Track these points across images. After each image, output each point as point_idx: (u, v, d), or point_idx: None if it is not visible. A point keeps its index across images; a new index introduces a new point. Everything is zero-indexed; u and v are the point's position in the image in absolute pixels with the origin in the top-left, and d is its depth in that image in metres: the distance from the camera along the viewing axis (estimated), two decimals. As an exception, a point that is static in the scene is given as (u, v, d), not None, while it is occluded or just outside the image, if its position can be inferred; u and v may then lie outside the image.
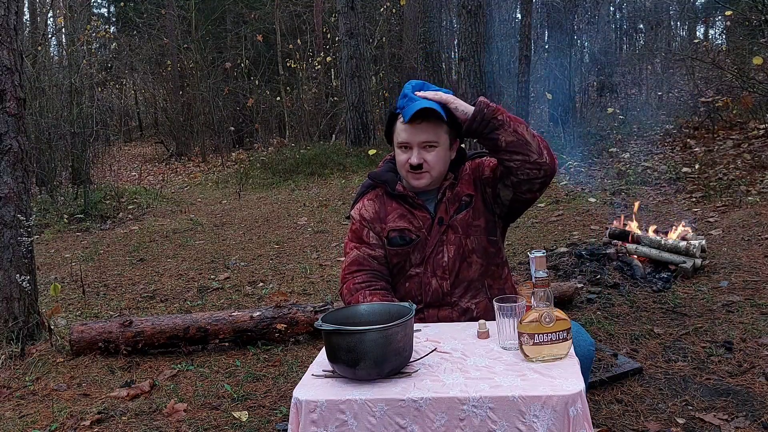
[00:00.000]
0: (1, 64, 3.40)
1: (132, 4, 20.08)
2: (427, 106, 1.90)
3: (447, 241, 2.02)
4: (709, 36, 18.44)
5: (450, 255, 2.01)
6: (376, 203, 2.11)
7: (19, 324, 3.47)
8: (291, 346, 3.46)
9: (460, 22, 9.56)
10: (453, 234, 2.03)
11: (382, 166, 2.17)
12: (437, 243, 2.02)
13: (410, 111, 1.92)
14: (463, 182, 2.07)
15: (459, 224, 2.03)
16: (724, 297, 3.62)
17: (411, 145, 1.97)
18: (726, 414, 2.43)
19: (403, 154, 2.00)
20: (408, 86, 2.01)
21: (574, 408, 1.36)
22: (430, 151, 1.97)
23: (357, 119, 12.19)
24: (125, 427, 2.67)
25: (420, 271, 2.04)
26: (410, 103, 1.95)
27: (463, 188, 2.06)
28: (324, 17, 16.21)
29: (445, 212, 2.03)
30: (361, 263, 2.08)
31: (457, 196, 2.05)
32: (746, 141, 7.86)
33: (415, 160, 1.96)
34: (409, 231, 2.04)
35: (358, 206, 2.15)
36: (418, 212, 2.05)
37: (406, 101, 1.97)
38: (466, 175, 2.09)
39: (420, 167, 1.97)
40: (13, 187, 3.46)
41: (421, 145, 1.96)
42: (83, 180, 9.29)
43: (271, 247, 6.14)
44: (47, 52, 11.44)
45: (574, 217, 5.99)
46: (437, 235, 2.03)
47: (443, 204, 2.04)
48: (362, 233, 2.10)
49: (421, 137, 1.96)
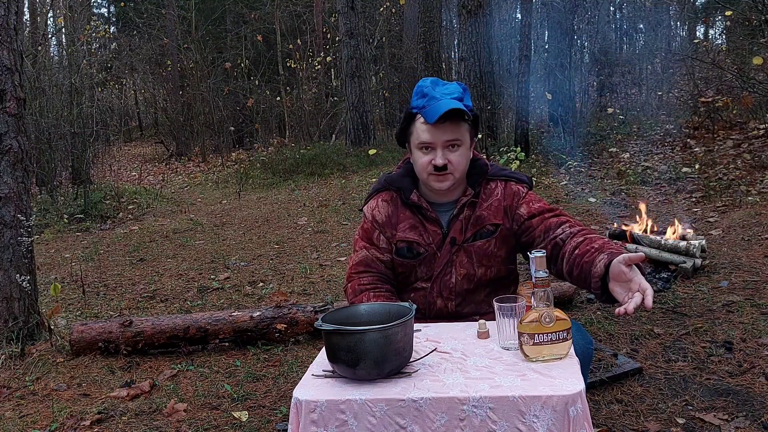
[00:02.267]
0: (1, 64, 3.40)
1: (132, 4, 20.09)
2: (455, 107, 1.82)
3: (457, 262, 1.95)
4: (709, 36, 18.46)
5: (459, 278, 1.95)
6: (390, 207, 2.02)
7: (19, 324, 3.47)
8: (291, 346, 3.46)
9: (460, 22, 9.56)
10: (465, 257, 1.95)
11: (400, 167, 2.08)
12: (447, 263, 1.96)
13: (437, 111, 1.83)
14: (491, 209, 1.95)
15: (474, 251, 1.95)
16: (724, 297, 3.62)
17: (435, 145, 1.88)
18: (726, 414, 2.43)
19: (425, 155, 1.90)
20: (425, 84, 1.93)
21: (574, 408, 1.36)
22: (454, 150, 1.89)
23: (357, 119, 12.20)
24: (125, 427, 2.67)
25: (426, 288, 1.99)
26: (432, 103, 1.87)
27: (489, 216, 1.95)
28: (324, 17, 16.22)
29: (459, 233, 1.95)
30: (368, 264, 2.03)
31: (478, 221, 1.95)
32: (746, 141, 7.87)
33: (440, 161, 1.87)
34: (418, 245, 1.97)
35: (371, 204, 2.06)
36: (430, 226, 1.97)
37: (427, 100, 1.89)
38: (496, 200, 1.96)
39: (444, 168, 1.88)
40: (13, 187, 3.46)
41: (445, 145, 1.88)
42: (83, 180, 9.30)
43: (271, 247, 6.14)
44: (47, 52, 11.46)
45: (573, 217, 5.99)
46: (447, 255, 1.95)
47: (459, 222, 1.95)
48: (372, 235, 2.04)
49: (445, 136, 1.87)
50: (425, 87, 1.93)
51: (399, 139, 2.03)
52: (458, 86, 1.94)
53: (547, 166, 8.43)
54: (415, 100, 1.94)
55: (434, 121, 1.84)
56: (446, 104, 1.84)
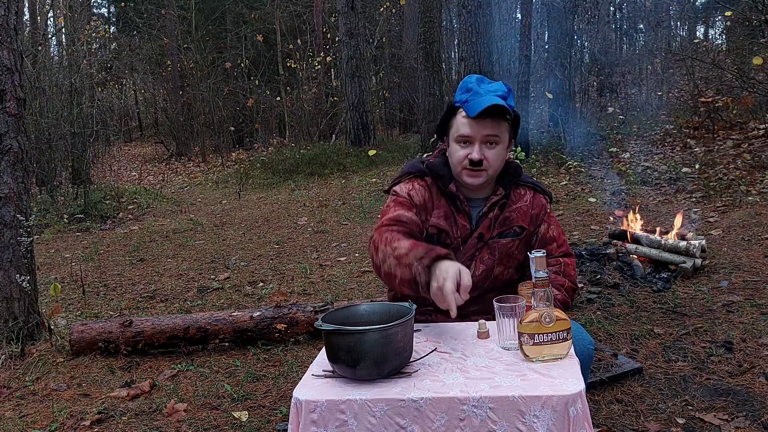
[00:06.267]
0: (1, 64, 3.40)
1: (132, 4, 20.08)
2: (497, 102, 1.85)
3: (479, 258, 1.97)
4: (709, 36, 18.47)
5: (478, 273, 1.97)
6: (427, 192, 2.00)
7: (19, 324, 3.47)
8: (291, 346, 3.46)
9: (460, 22, 9.56)
10: (488, 254, 1.98)
11: (437, 157, 2.07)
12: (469, 257, 1.97)
13: (479, 106, 1.85)
14: (520, 212, 2.00)
15: (498, 248, 1.98)
16: (724, 297, 3.62)
17: (473, 139, 1.90)
18: (726, 414, 2.43)
19: (462, 149, 1.92)
20: (470, 80, 1.95)
21: (574, 408, 1.36)
22: (492, 147, 1.91)
23: (357, 119, 12.20)
24: (125, 427, 2.67)
25: None
26: (476, 98, 1.89)
27: (517, 217, 1.99)
28: (324, 17, 16.22)
29: (487, 230, 1.97)
30: (403, 222, 1.92)
31: (507, 221, 1.98)
32: (746, 141, 7.87)
33: (477, 156, 1.89)
34: (447, 235, 1.97)
35: (407, 185, 2.01)
36: (460, 219, 1.98)
37: (471, 95, 1.91)
38: (525, 205, 2.01)
39: (480, 164, 1.89)
40: (13, 187, 3.46)
41: (484, 140, 1.90)
42: (83, 180, 9.30)
43: (271, 247, 6.14)
44: (47, 52, 11.45)
45: (574, 217, 5.99)
46: (472, 250, 1.97)
47: (488, 220, 1.97)
48: (409, 208, 1.96)
49: (485, 131, 1.89)
50: (471, 83, 1.95)
51: (438, 131, 2.04)
52: (503, 85, 1.96)
53: (547, 166, 8.43)
54: (459, 94, 1.96)
55: (475, 115, 1.86)
56: (489, 99, 1.86)
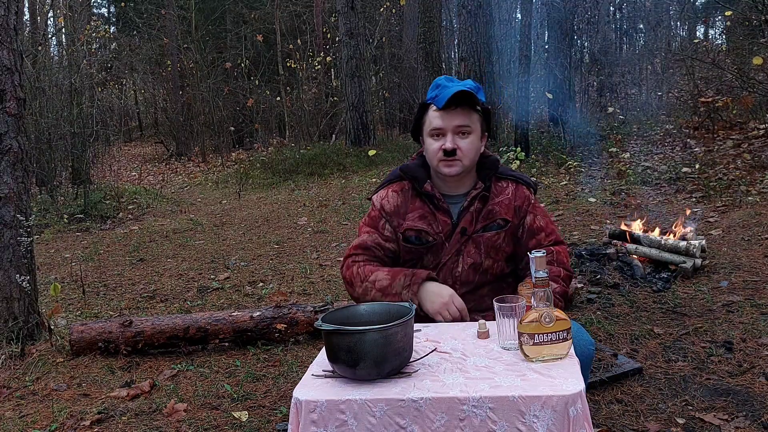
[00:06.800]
0: (1, 64, 3.40)
1: (132, 4, 20.08)
2: (463, 89, 1.89)
3: (465, 252, 1.99)
4: (709, 36, 18.48)
5: (465, 267, 1.99)
6: (400, 197, 2.06)
7: (19, 324, 3.47)
8: (291, 346, 3.46)
9: (460, 22, 9.57)
10: (473, 247, 1.99)
11: (415, 159, 2.12)
12: (455, 252, 2.00)
13: (446, 95, 1.90)
14: (502, 205, 2.01)
15: (483, 242, 1.99)
16: (724, 297, 3.62)
17: (445, 130, 1.93)
18: (726, 414, 2.43)
19: (436, 141, 1.96)
20: (439, 79, 2.00)
21: (574, 408, 1.36)
22: (464, 137, 1.94)
23: (357, 119, 12.20)
24: (125, 427, 2.67)
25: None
26: (443, 91, 1.93)
27: (500, 210, 2.01)
28: (324, 17, 16.22)
29: (470, 224, 1.99)
30: (368, 248, 2.05)
31: (489, 215, 2.00)
32: (746, 141, 7.87)
33: (449, 145, 1.92)
34: (427, 233, 2.00)
35: (381, 194, 2.10)
36: (440, 215, 2.01)
37: (439, 90, 1.95)
38: (507, 198, 2.03)
39: (453, 153, 1.92)
40: (13, 187, 3.46)
41: (456, 131, 1.93)
42: (83, 180, 9.30)
43: (271, 247, 6.14)
44: (47, 52, 11.45)
45: (574, 217, 5.99)
46: (456, 245, 1.99)
47: (470, 214, 1.99)
48: (378, 223, 2.07)
49: (455, 121, 1.92)
50: (439, 80, 2.00)
51: (414, 133, 2.08)
52: (472, 82, 2.00)
53: (547, 166, 8.43)
54: (429, 93, 2.01)
55: (444, 104, 1.90)
56: (455, 88, 1.90)
